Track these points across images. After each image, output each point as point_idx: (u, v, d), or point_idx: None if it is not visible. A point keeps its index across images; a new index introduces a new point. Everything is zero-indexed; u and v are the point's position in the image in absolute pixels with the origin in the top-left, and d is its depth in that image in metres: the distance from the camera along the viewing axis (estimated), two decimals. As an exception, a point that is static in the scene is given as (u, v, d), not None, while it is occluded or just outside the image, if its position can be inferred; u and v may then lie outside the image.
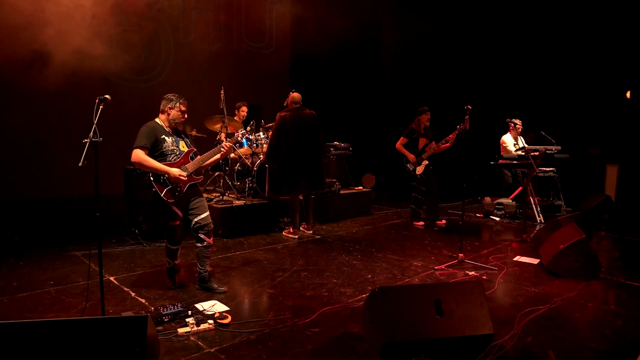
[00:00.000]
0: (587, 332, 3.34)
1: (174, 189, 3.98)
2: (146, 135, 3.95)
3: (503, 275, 4.61)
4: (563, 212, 8.00)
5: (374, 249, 5.69)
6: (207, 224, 4.13)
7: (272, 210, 6.64)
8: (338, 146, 8.44)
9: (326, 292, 4.10)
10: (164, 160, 3.97)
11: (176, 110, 4.08)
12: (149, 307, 3.71)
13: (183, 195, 4.04)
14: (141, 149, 3.89)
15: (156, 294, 4.04)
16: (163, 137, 4.02)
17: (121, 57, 8.02)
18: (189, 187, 4.07)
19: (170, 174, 3.91)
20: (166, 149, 4.00)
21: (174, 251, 4.22)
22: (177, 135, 4.16)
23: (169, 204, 3.99)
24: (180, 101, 4.10)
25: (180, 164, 4.04)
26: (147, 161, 3.88)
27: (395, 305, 2.88)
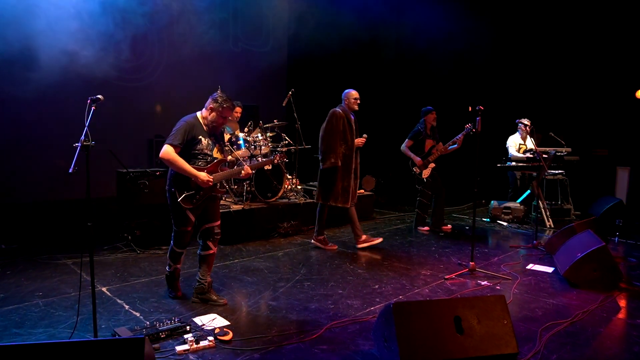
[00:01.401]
0: (616, 349, 3.19)
1: (193, 196, 3.78)
2: (183, 132, 3.72)
3: (517, 286, 4.45)
4: (572, 217, 7.88)
5: (379, 256, 5.53)
6: (218, 232, 3.99)
7: (271, 215, 6.46)
8: (339, 148, 8.26)
9: (332, 305, 3.93)
10: (192, 163, 3.76)
11: (217, 114, 3.82)
12: (143, 321, 3.52)
13: (200, 204, 3.85)
14: (174, 146, 3.68)
15: (151, 306, 3.86)
16: (200, 137, 3.80)
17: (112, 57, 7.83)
18: (209, 198, 3.88)
19: (199, 178, 3.69)
20: (199, 151, 3.80)
21: (179, 254, 4.03)
22: (214, 137, 3.92)
23: (184, 209, 3.80)
24: (225, 106, 3.82)
25: (209, 170, 3.81)
26: (178, 161, 3.66)
27: (412, 322, 2.72)
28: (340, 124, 5.49)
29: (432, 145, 6.70)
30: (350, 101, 5.60)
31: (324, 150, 5.50)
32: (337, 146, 5.47)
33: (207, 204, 3.91)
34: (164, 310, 3.78)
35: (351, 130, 5.54)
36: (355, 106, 5.61)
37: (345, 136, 5.52)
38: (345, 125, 5.52)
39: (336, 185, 5.52)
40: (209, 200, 3.90)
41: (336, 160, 5.43)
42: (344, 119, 5.51)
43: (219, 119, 3.83)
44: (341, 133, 5.49)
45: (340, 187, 5.51)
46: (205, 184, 3.72)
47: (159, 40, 8.79)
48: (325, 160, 5.48)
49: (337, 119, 5.50)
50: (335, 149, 5.45)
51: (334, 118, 5.50)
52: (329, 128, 5.50)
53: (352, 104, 5.60)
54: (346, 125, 5.52)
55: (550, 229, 7.07)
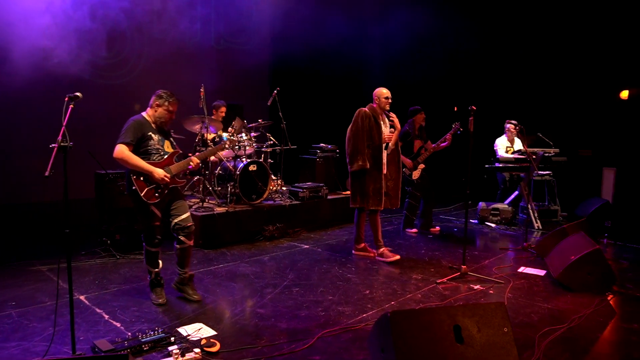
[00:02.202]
0: (616, 356, 3.14)
1: (155, 189, 3.83)
2: (133, 130, 3.81)
3: (511, 289, 4.40)
4: (559, 218, 7.90)
5: (368, 260, 5.43)
6: (189, 226, 3.98)
7: (257, 218, 6.32)
8: (324, 148, 8.16)
9: (323, 312, 3.82)
10: (147, 159, 3.84)
11: (164, 109, 3.95)
12: (125, 332, 3.36)
13: (164, 197, 3.88)
14: (126, 145, 3.76)
15: (132, 315, 3.70)
16: (150, 134, 3.89)
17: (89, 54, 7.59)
18: (171, 190, 3.93)
19: (155, 175, 3.78)
20: (151, 147, 3.88)
21: (154, 255, 3.97)
22: (163, 134, 4.02)
23: (148, 205, 3.82)
24: (170, 100, 3.96)
25: (164, 164, 3.91)
26: (132, 158, 3.74)
27: (410, 332, 2.62)
28: (366, 124, 5.23)
29: (421, 146, 6.64)
30: (381, 100, 5.33)
31: (351, 153, 5.26)
32: (364, 147, 5.19)
33: (171, 197, 3.96)
34: (147, 319, 3.62)
35: (379, 129, 5.24)
36: (387, 105, 5.34)
37: (371, 136, 5.24)
38: (372, 125, 5.23)
39: (367, 187, 5.24)
40: (171, 193, 3.96)
41: (364, 162, 5.16)
42: (370, 118, 5.24)
43: (166, 114, 3.95)
44: (367, 133, 5.22)
45: (371, 188, 5.23)
46: (161, 181, 3.79)
47: (139, 36, 8.56)
48: (353, 163, 5.23)
49: (363, 118, 5.24)
50: (362, 150, 5.18)
51: (360, 117, 5.25)
52: (355, 129, 5.25)
53: (383, 103, 5.33)
54: (373, 125, 5.23)
55: (538, 230, 7.07)
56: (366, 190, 5.24)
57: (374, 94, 5.40)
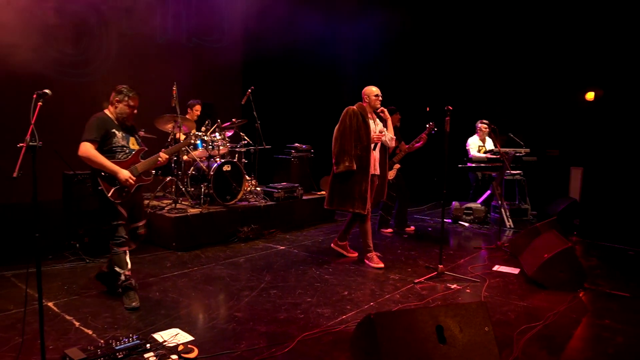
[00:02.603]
0: (591, 352, 3.20)
1: (122, 189, 3.79)
2: (96, 127, 3.76)
3: (487, 288, 4.45)
4: (530, 216, 8.07)
5: (344, 260, 5.41)
6: (143, 233, 4.09)
7: (231, 219, 6.23)
8: (299, 148, 8.12)
9: (302, 314, 3.78)
10: (112, 158, 3.80)
11: (124, 105, 3.89)
12: (97, 339, 3.24)
13: (129, 197, 3.85)
14: (91, 142, 3.71)
15: (105, 322, 3.57)
16: (113, 130, 3.84)
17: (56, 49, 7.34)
18: (137, 189, 3.90)
19: (120, 176, 3.74)
20: (116, 145, 3.84)
21: (122, 255, 3.88)
22: (126, 130, 3.97)
23: (115, 204, 3.81)
24: (130, 95, 3.90)
25: (130, 162, 3.88)
26: (97, 157, 3.70)
27: (394, 333, 2.61)
28: (354, 123, 5.05)
29: (396, 146, 6.66)
30: (371, 98, 5.18)
31: (337, 153, 5.06)
32: (351, 147, 5.01)
33: (134, 198, 3.94)
34: (120, 326, 3.50)
35: (367, 129, 5.05)
36: (377, 103, 5.19)
37: (359, 136, 5.05)
38: (360, 124, 5.05)
39: (352, 189, 5.04)
40: (137, 196, 3.98)
41: (351, 163, 4.96)
42: (358, 118, 5.06)
43: (127, 110, 3.89)
44: (355, 133, 5.04)
45: (356, 191, 5.03)
46: (125, 183, 3.75)
47: (107, 32, 8.32)
48: (339, 164, 5.02)
49: (351, 117, 5.06)
50: (349, 151, 5.00)
51: (347, 117, 5.07)
52: (342, 128, 5.07)
53: (373, 101, 5.18)
54: (361, 124, 5.05)
55: (510, 229, 7.19)
56: (351, 193, 5.04)
57: (363, 93, 5.25)
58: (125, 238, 3.89)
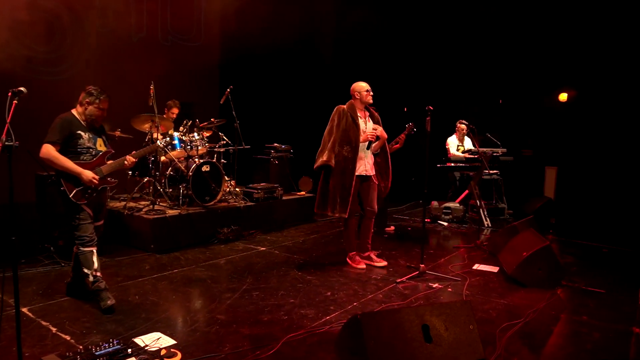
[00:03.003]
0: (571, 348, 3.27)
1: (85, 190, 3.75)
2: (60, 128, 3.71)
3: (468, 287, 4.50)
4: (506, 215, 8.21)
5: (326, 261, 5.41)
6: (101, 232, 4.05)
7: (210, 220, 6.16)
8: (279, 148, 8.09)
9: (285, 316, 3.76)
10: (76, 159, 3.76)
11: (94, 107, 3.84)
12: (76, 345, 3.17)
13: (94, 198, 3.82)
14: (52, 144, 3.67)
15: (83, 327, 3.49)
16: (79, 132, 3.79)
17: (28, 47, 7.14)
18: (101, 190, 3.92)
19: (83, 177, 3.71)
20: (81, 146, 3.79)
21: (88, 254, 3.78)
22: (94, 131, 3.93)
23: (79, 205, 3.77)
24: (101, 98, 3.85)
25: (94, 164, 3.84)
26: (58, 159, 3.66)
27: (380, 333, 2.62)
28: (342, 122, 4.83)
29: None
30: (362, 94, 4.92)
31: (319, 150, 4.91)
32: (334, 146, 4.80)
33: (98, 199, 3.92)
34: (99, 330, 3.43)
35: (356, 129, 4.81)
36: (369, 98, 4.94)
37: (348, 136, 4.81)
38: (350, 125, 4.82)
39: (331, 191, 4.84)
40: (99, 195, 3.93)
41: (328, 159, 4.76)
42: (347, 117, 4.84)
43: (98, 112, 3.84)
44: (343, 132, 4.81)
45: (338, 194, 4.82)
46: (89, 183, 3.72)
47: (81, 30, 8.14)
48: (317, 160, 4.87)
49: (340, 116, 4.87)
50: (330, 148, 4.80)
51: (336, 115, 4.90)
52: (330, 126, 4.91)
53: (364, 97, 4.92)
54: (350, 125, 4.82)
55: (488, 228, 7.30)
56: (331, 195, 4.87)
57: (352, 90, 5.01)
58: (91, 237, 3.82)
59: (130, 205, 6.15)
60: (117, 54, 8.40)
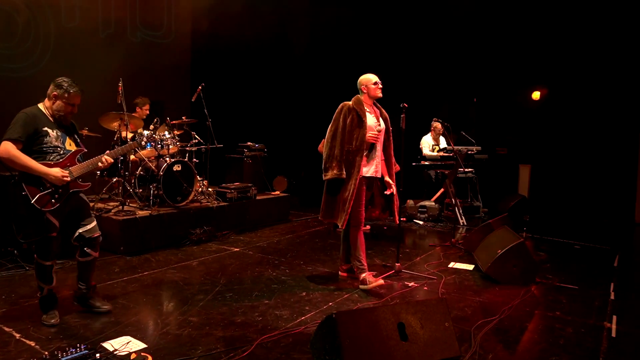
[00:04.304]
0: (544, 343, 3.34)
1: (52, 194, 3.37)
2: (23, 124, 3.35)
3: (443, 285, 4.56)
4: (481, 214, 8.34)
5: (301, 261, 5.41)
6: (96, 237, 3.64)
7: (182, 221, 6.09)
8: (252, 147, 8.06)
9: (259, 317, 3.74)
10: (42, 159, 3.39)
11: (63, 102, 3.48)
12: (41, 351, 3.09)
13: (63, 203, 3.44)
14: (13, 142, 3.30)
15: (48, 332, 3.40)
16: (45, 129, 3.43)
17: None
18: (71, 195, 3.51)
19: (50, 176, 3.33)
20: (47, 145, 3.43)
21: (47, 268, 3.51)
22: (63, 128, 3.57)
23: (43, 213, 3.37)
24: (71, 91, 3.48)
25: (63, 165, 3.46)
26: (19, 158, 3.28)
27: (356, 332, 2.63)
28: (348, 122, 4.34)
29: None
30: (370, 88, 4.46)
31: (326, 158, 4.37)
32: (342, 152, 4.31)
33: (74, 204, 3.54)
34: (65, 335, 3.35)
35: (361, 129, 4.33)
36: (378, 92, 4.49)
37: (352, 136, 4.33)
38: (355, 122, 4.35)
39: (338, 198, 4.38)
40: (73, 200, 3.53)
41: (340, 171, 4.27)
42: (354, 115, 4.36)
43: (67, 107, 3.50)
44: (348, 134, 4.33)
45: (341, 200, 4.38)
46: (59, 181, 3.35)
47: (44, 25, 7.95)
48: (327, 171, 4.34)
49: (345, 115, 4.36)
50: (338, 156, 4.30)
51: (341, 115, 4.38)
52: (334, 129, 4.40)
53: (372, 90, 4.46)
54: (355, 122, 4.35)
55: (463, 226, 7.40)
56: (337, 203, 4.38)
57: (359, 83, 4.54)
58: (56, 251, 3.56)
59: (99, 206, 6.04)
60: (84, 50, 8.22)
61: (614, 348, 3.30)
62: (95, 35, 8.47)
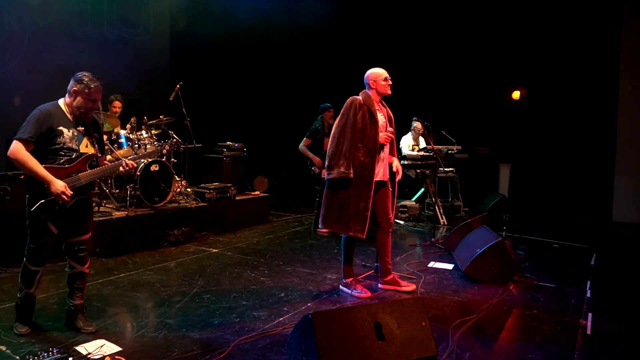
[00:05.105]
0: (520, 342, 3.40)
1: (54, 203, 3.19)
2: (35, 123, 3.16)
3: (423, 284, 4.61)
4: (462, 213, 8.43)
5: (280, 261, 5.41)
6: (83, 249, 3.44)
7: (160, 222, 6.05)
8: (231, 147, 8.02)
9: (237, 318, 3.74)
10: (53, 161, 3.21)
11: (83, 97, 3.27)
12: (12, 356, 3.05)
13: (65, 212, 3.27)
14: (24, 142, 3.12)
15: (21, 336, 3.35)
16: (61, 128, 3.24)
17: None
18: (75, 203, 3.30)
19: (52, 188, 3.11)
20: (60, 145, 3.23)
21: (33, 274, 3.37)
22: (82, 127, 3.36)
23: (42, 219, 3.24)
24: (92, 86, 3.27)
25: (73, 170, 3.26)
26: (27, 162, 3.10)
27: (332, 332, 2.64)
28: (359, 118, 4.05)
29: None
30: (379, 84, 4.20)
31: (331, 155, 4.06)
32: (352, 149, 4.02)
33: (75, 211, 3.34)
34: (38, 339, 3.30)
35: (375, 127, 4.07)
36: (388, 89, 4.24)
37: (364, 136, 4.05)
38: (366, 119, 4.06)
39: (348, 204, 4.03)
40: (77, 206, 3.33)
41: (347, 169, 3.96)
42: (365, 112, 4.08)
43: (88, 103, 3.30)
44: (359, 132, 4.04)
45: (353, 207, 4.02)
46: (58, 198, 3.13)
47: (18, 21, 7.82)
48: (332, 168, 4.02)
49: (356, 110, 4.06)
50: (347, 154, 4.00)
51: (352, 109, 4.07)
52: (342, 124, 4.09)
53: (381, 87, 4.20)
54: (367, 119, 4.06)
55: (444, 226, 7.48)
56: (347, 210, 4.04)
57: (367, 78, 4.29)
58: (45, 259, 3.40)
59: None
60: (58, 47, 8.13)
61: (589, 345, 3.37)
62: (69, 32, 8.37)
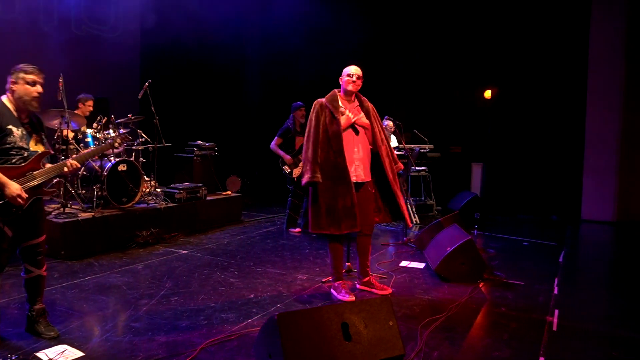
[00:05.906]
0: (488, 339, 3.45)
1: (9, 206, 3.07)
2: None
3: (393, 284, 4.64)
4: (435, 212, 8.51)
5: (251, 262, 5.39)
6: (40, 252, 3.37)
7: (128, 223, 5.95)
8: (202, 146, 7.95)
9: (205, 321, 3.70)
10: (4, 161, 3.09)
11: (22, 85, 3.15)
12: (-33, 363, 2.96)
13: (22, 213, 3.16)
14: None
15: (-23, 343, 3.27)
16: (10, 127, 3.11)
17: None
18: (33, 203, 3.21)
19: (7, 191, 2.99)
20: (11, 145, 3.11)
21: None
22: (27, 125, 3.25)
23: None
24: (27, 69, 3.17)
25: (27, 168, 3.15)
26: None
27: (298, 333, 2.64)
28: (322, 120, 4.03)
29: (302, 143, 6.72)
30: (343, 80, 4.19)
31: (303, 161, 4.13)
32: (316, 153, 4.00)
33: (30, 212, 3.23)
34: (-4, 346, 3.22)
35: (335, 124, 4.02)
36: (349, 86, 4.16)
37: (328, 135, 4.02)
38: (327, 120, 4.04)
39: (319, 204, 4.01)
40: (31, 208, 3.23)
41: (313, 174, 3.95)
42: (326, 112, 4.06)
43: (27, 89, 3.17)
44: (324, 133, 4.02)
45: (341, 206, 3.99)
46: (13, 200, 3.02)
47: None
48: (303, 175, 4.03)
49: (318, 113, 4.07)
50: (313, 158, 3.99)
51: (314, 113, 4.09)
52: (308, 128, 4.12)
53: (344, 83, 4.19)
54: (327, 120, 4.04)
55: (416, 225, 7.54)
56: (318, 210, 4.03)
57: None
58: (5, 263, 3.27)
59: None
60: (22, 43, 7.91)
61: (554, 341, 3.44)
62: (33, 28, 8.17)
